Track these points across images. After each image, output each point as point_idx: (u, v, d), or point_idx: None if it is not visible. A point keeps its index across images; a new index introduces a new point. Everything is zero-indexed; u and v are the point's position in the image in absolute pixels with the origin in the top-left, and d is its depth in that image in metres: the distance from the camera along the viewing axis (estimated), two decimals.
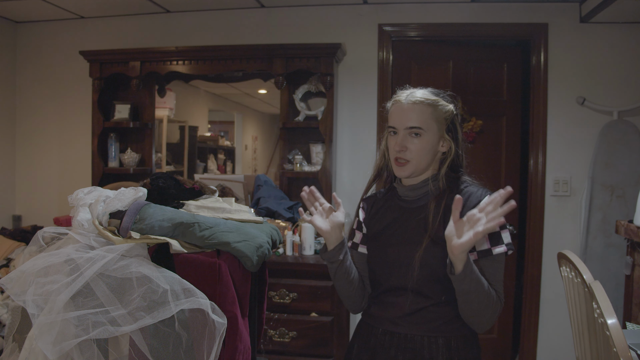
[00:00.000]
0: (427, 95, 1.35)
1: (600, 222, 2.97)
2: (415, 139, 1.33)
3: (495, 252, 1.25)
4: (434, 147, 1.35)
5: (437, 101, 1.34)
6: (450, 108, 1.36)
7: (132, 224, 1.32)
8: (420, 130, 1.32)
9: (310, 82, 3.16)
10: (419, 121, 1.32)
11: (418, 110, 1.33)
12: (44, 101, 3.61)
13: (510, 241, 1.26)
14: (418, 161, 1.34)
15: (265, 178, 3.25)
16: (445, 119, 1.35)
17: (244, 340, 1.34)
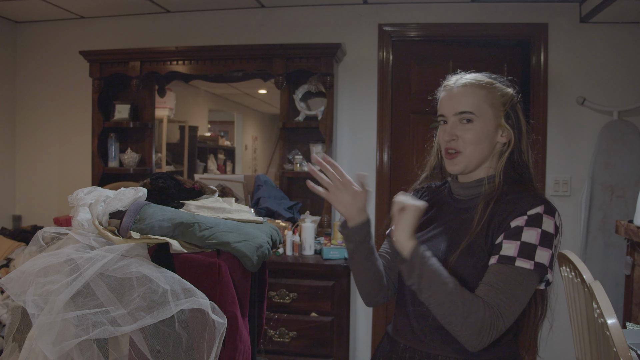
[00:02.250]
0: (479, 77, 1.21)
1: (600, 222, 2.97)
2: (466, 126, 1.16)
3: (517, 263, 1.04)
4: (489, 136, 1.16)
5: (491, 83, 1.19)
6: (509, 91, 1.19)
7: (132, 224, 1.32)
8: (472, 116, 1.15)
9: (310, 82, 3.16)
10: (470, 105, 1.16)
11: (469, 93, 1.17)
12: (44, 101, 3.61)
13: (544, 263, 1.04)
14: (471, 151, 1.16)
15: (265, 178, 3.25)
16: (503, 103, 1.17)
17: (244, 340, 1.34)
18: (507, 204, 1.12)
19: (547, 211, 1.10)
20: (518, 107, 1.20)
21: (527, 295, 1.05)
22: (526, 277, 1.04)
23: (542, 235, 1.07)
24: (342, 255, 2.72)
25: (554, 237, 1.09)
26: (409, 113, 3.24)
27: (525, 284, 1.04)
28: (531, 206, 1.10)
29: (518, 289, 1.04)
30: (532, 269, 1.04)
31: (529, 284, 1.05)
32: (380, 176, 3.22)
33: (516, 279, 1.04)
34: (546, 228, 1.08)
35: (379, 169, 3.22)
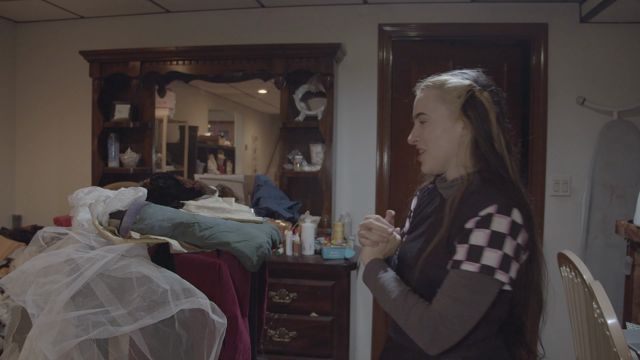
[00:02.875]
0: (435, 78, 1.24)
1: (600, 222, 2.97)
2: (424, 126, 1.23)
3: (463, 267, 1.05)
4: (447, 130, 1.18)
5: (444, 80, 1.20)
6: (463, 83, 1.17)
7: (132, 224, 1.32)
8: (425, 116, 1.22)
9: (310, 82, 3.16)
10: (422, 106, 1.23)
11: (423, 96, 1.24)
12: (44, 101, 3.61)
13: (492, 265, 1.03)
14: (433, 148, 1.20)
15: (265, 178, 3.25)
16: (457, 96, 1.16)
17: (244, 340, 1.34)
18: (467, 204, 1.10)
19: (500, 210, 1.05)
20: (483, 96, 1.16)
21: (475, 297, 1.03)
22: (472, 280, 1.04)
23: (491, 236, 1.04)
24: (342, 255, 2.72)
25: (506, 236, 1.04)
26: (409, 113, 3.24)
27: (471, 287, 1.03)
28: (483, 206, 1.07)
29: (462, 291, 1.04)
30: (478, 272, 1.03)
31: (476, 286, 1.04)
32: (380, 176, 3.22)
33: (460, 282, 1.04)
34: (496, 228, 1.04)
35: (379, 169, 3.22)
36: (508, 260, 1.04)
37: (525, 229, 1.08)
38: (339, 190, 3.25)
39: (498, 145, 1.15)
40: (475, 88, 1.17)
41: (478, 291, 1.04)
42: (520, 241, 1.07)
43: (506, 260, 1.04)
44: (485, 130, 1.15)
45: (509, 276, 1.05)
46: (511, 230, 1.05)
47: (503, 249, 1.04)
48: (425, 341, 1.05)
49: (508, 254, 1.04)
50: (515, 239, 1.05)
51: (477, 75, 1.21)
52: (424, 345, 1.06)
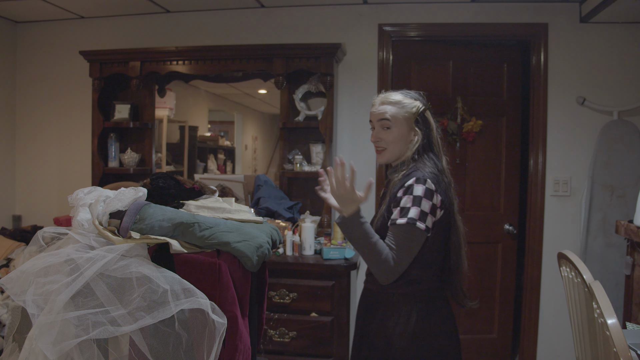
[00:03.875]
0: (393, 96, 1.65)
1: (600, 222, 2.98)
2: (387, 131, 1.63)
3: (397, 222, 1.49)
4: (404, 137, 1.63)
5: (400, 100, 1.63)
6: (416, 104, 1.64)
7: (132, 224, 1.32)
8: (388, 122, 1.62)
9: (310, 82, 3.16)
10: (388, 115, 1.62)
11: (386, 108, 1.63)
12: (44, 101, 3.61)
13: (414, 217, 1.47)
14: (392, 148, 1.63)
15: (265, 178, 3.25)
16: (413, 114, 1.62)
17: (244, 340, 1.34)
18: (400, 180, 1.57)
19: (417, 181, 1.52)
20: (427, 114, 1.66)
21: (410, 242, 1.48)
22: (403, 229, 1.48)
23: (413, 199, 1.50)
24: (342, 255, 2.72)
25: (422, 197, 1.50)
26: None
27: (403, 235, 1.48)
28: (407, 179, 1.54)
29: (401, 239, 1.48)
30: (406, 223, 1.47)
31: (407, 234, 1.48)
32: (380, 176, 3.22)
33: (398, 234, 1.48)
34: (416, 193, 1.50)
35: (379, 169, 3.22)
36: (425, 214, 1.49)
37: (437, 193, 1.53)
38: None
39: (436, 148, 1.66)
40: (422, 107, 1.65)
41: (409, 237, 1.48)
42: (435, 202, 1.52)
43: (423, 214, 1.49)
44: (429, 138, 1.65)
45: (426, 225, 1.49)
46: (425, 193, 1.50)
47: (421, 207, 1.49)
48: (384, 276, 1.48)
49: (424, 210, 1.49)
50: (430, 200, 1.51)
51: (420, 96, 1.68)
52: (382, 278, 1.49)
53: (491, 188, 3.26)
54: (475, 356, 3.29)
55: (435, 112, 3.16)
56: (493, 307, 3.29)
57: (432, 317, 1.57)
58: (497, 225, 3.26)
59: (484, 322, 3.29)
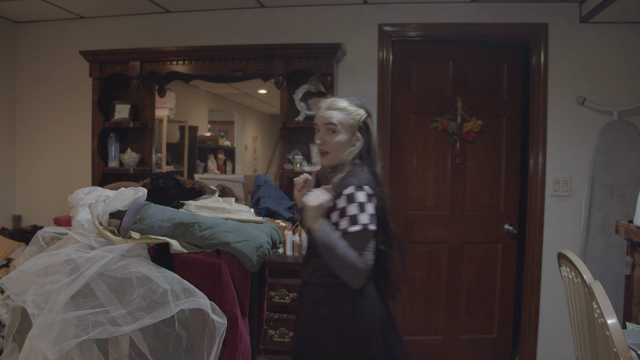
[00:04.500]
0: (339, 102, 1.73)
1: (600, 222, 2.98)
2: (328, 134, 1.71)
3: (350, 230, 1.56)
4: (347, 141, 1.71)
5: (345, 106, 1.72)
6: (360, 112, 1.73)
7: (132, 224, 1.32)
8: (334, 127, 1.70)
9: (310, 82, 3.16)
10: (333, 120, 1.70)
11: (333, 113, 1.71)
12: (44, 101, 3.61)
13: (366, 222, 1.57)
14: (335, 152, 1.71)
15: (265, 178, 3.25)
16: (356, 120, 1.72)
17: (244, 340, 1.34)
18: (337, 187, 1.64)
19: (357, 189, 1.60)
20: (369, 121, 1.75)
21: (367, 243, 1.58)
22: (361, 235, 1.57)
23: (358, 206, 1.58)
24: None
25: (365, 203, 1.58)
26: (409, 113, 3.24)
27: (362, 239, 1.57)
28: (345, 187, 1.60)
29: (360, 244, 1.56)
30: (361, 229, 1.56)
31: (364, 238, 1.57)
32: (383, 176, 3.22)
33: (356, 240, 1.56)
34: (359, 200, 1.58)
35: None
36: (373, 216, 1.60)
37: (374, 196, 1.64)
38: None
39: (373, 153, 1.77)
40: (366, 115, 1.74)
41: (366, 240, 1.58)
42: (375, 203, 1.63)
43: (372, 217, 1.59)
44: (369, 144, 1.74)
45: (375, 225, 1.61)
46: (367, 198, 1.60)
47: (367, 211, 1.58)
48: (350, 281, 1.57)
49: (372, 213, 1.59)
50: (372, 202, 1.61)
51: (364, 103, 1.77)
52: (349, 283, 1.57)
53: (491, 188, 3.26)
54: (475, 356, 3.30)
55: (435, 112, 3.22)
56: (493, 307, 3.29)
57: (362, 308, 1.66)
58: (497, 225, 3.26)
59: (484, 322, 3.29)
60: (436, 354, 3.30)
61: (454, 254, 3.28)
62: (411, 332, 3.30)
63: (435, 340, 3.30)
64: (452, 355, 3.29)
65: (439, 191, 3.26)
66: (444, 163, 3.25)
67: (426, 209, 3.28)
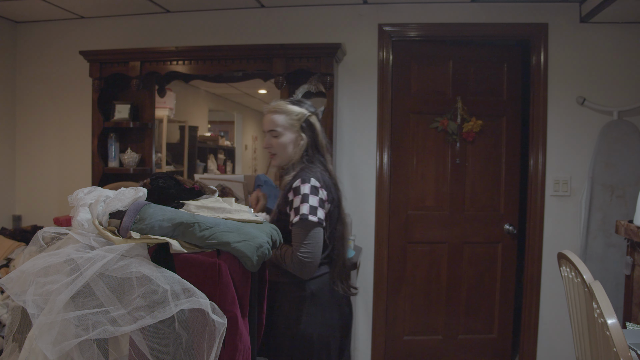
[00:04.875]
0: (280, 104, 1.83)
1: (600, 222, 2.98)
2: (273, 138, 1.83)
3: (294, 221, 1.70)
4: (292, 141, 1.82)
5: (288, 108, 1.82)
6: (302, 111, 1.83)
7: (132, 224, 1.32)
8: (276, 132, 1.82)
9: (310, 82, 3.16)
10: (274, 125, 1.82)
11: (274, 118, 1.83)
12: (44, 101, 3.61)
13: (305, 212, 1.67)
14: (281, 153, 1.83)
15: (265, 178, 3.24)
16: (298, 120, 1.82)
17: (244, 340, 1.34)
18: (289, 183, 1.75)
19: (302, 182, 1.71)
20: (312, 119, 1.84)
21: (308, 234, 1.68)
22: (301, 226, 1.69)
23: (301, 197, 1.70)
24: None
25: (309, 195, 1.69)
26: (409, 113, 3.24)
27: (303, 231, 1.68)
28: (294, 181, 1.73)
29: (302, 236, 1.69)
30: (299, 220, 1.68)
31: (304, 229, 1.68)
32: (380, 176, 3.22)
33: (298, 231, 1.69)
34: (303, 192, 1.70)
35: (379, 169, 3.22)
36: (314, 208, 1.68)
37: (322, 189, 1.73)
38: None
39: (322, 149, 1.85)
40: (307, 114, 1.83)
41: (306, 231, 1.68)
42: (321, 196, 1.72)
43: (313, 208, 1.68)
44: (315, 141, 1.83)
45: (318, 217, 1.69)
46: (311, 190, 1.70)
47: (309, 202, 1.69)
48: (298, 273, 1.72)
49: (313, 205, 1.68)
50: (317, 195, 1.71)
51: (306, 103, 1.86)
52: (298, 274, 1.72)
53: (491, 188, 3.26)
54: (475, 356, 3.30)
55: (435, 112, 3.22)
56: (493, 307, 3.29)
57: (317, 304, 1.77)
58: (497, 225, 3.27)
59: (484, 322, 3.29)
60: (436, 354, 3.30)
61: (454, 254, 3.28)
62: (411, 332, 3.30)
63: (435, 340, 3.30)
64: (452, 355, 3.30)
65: (439, 191, 3.26)
66: (444, 163, 3.25)
67: (426, 209, 3.28)
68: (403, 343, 3.30)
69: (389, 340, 3.29)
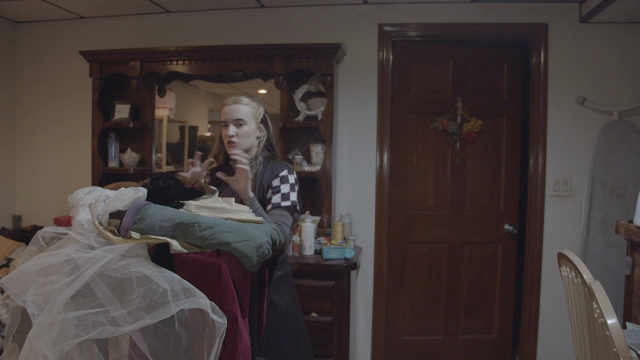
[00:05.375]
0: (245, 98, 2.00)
1: (600, 222, 2.98)
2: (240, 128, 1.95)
3: (283, 204, 1.89)
4: (254, 133, 1.98)
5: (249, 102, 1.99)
6: (261, 106, 2.03)
7: (132, 224, 1.32)
8: (242, 121, 1.95)
9: (310, 82, 3.16)
10: (241, 115, 1.95)
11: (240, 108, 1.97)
12: (44, 101, 3.61)
13: (295, 200, 1.92)
14: (243, 143, 1.95)
15: None
16: (259, 114, 2.00)
17: (244, 340, 1.34)
18: (268, 171, 1.97)
19: (289, 172, 1.95)
20: (267, 116, 2.04)
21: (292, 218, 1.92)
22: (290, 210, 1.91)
23: (290, 186, 1.92)
24: (342, 255, 2.72)
25: (295, 184, 1.95)
26: (409, 113, 3.24)
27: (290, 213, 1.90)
28: (280, 171, 1.95)
29: (288, 217, 1.89)
30: (290, 205, 1.90)
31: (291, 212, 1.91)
32: (380, 176, 3.22)
33: (285, 213, 1.89)
34: (290, 181, 1.93)
35: (379, 168, 3.22)
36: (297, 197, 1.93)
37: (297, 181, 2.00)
38: (339, 190, 3.25)
39: (274, 142, 2.07)
40: (264, 110, 2.04)
41: (292, 214, 1.92)
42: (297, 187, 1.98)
43: (297, 197, 1.94)
44: (270, 134, 2.04)
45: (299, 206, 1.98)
46: (295, 181, 1.96)
47: (295, 191, 1.93)
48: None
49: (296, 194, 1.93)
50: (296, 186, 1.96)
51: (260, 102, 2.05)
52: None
53: (491, 188, 3.26)
54: (475, 356, 3.30)
55: (435, 112, 3.22)
56: (493, 307, 3.29)
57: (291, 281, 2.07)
58: (497, 225, 3.27)
59: (484, 322, 3.29)
60: (436, 354, 3.30)
61: (454, 254, 3.28)
62: (411, 332, 3.30)
63: (435, 340, 3.30)
64: (452, 355, 3.30)
65: (439, 191, 3.26)
66: (444, 163, 3.26)
67: (426, 209, 3.28)
68: (403, 343, 3.30)
69: (389, 340, 3.29)
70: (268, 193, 1.93)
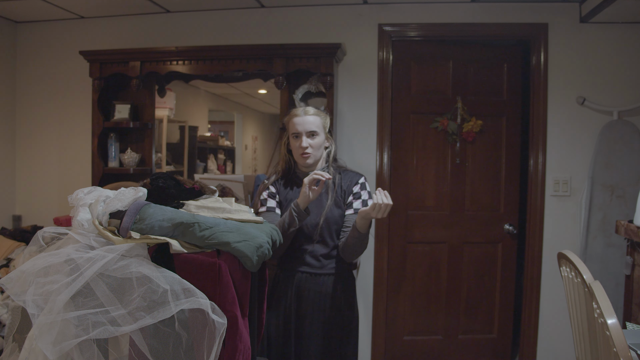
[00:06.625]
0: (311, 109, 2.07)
1: (600, 222, 2.98)
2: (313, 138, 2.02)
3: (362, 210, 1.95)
4: (324, 143, 2.08)
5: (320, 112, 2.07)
6: (328, 117, 2.11)
7: (132, 224, 1.32)
8: (316, 133, 2.03)
9: (310, 82, 3.16)
10: (315, 127, 2.02)
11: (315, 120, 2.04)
12: (44, 101, 3.61)
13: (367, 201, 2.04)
14: (316, 152, 2.03)
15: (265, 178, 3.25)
16: (328, 125, 2.09)
17: (244, 340, 1.34)
18: (345, 178, 2.08)
19: (365, 180, 2.10)
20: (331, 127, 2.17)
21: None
22: None
23: (368, 193, 2.06)
24: None
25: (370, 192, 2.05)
26: (409, 113, 3.24)
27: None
28: (359, 178, 2.09)
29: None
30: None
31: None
32: (380, 176, 3.22)
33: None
34: (367, 188, 2.08)
35: (379, 169, 3.23)
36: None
37: None
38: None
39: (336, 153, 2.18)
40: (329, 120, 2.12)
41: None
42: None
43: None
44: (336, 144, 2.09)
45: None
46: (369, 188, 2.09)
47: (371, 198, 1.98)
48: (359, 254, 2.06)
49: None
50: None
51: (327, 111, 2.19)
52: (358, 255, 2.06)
53: (491, 188, 3.26)
54: (475, 356, 3.30)
55: (435, 112, 3.22)
56: (493, 307, 3.29)
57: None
58: (497, 225, 3.27)
59: (484, 322, 3.29)
60: (436, 354, 3.30)
61: (454, 254, 3.28)
62: (411, 332, 3.30)
63: (435, 340, 3.30)
64: (452, 355, 3.30)
65: (439, 191, 3.26)
66: (444, 163, 3.26)
67: (426, 209, 3.28)
68: (403, 343, 3.30)
69: (389, 340, 3.29)
70: (349, 197, 2.05)
